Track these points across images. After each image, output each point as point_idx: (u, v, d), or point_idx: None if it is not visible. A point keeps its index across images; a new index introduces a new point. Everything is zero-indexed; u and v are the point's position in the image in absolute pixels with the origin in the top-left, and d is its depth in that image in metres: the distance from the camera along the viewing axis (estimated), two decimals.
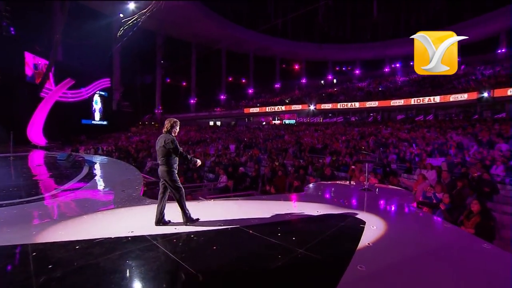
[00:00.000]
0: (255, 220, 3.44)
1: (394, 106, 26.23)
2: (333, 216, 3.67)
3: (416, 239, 2.91)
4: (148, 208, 3.91)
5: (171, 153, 3.11)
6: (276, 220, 3.50)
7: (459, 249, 2.78)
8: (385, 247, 2.70)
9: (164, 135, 3.16)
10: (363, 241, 2.80)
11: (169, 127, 3.19)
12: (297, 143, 17.84)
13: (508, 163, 7.94)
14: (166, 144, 3.07)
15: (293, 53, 41.77)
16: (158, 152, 3.16)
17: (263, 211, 3.89)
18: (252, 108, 35.47)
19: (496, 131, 13.49)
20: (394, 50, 35.53)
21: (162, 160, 3.12)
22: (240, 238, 2.92)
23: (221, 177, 7.97)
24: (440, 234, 3.11)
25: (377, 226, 3.21)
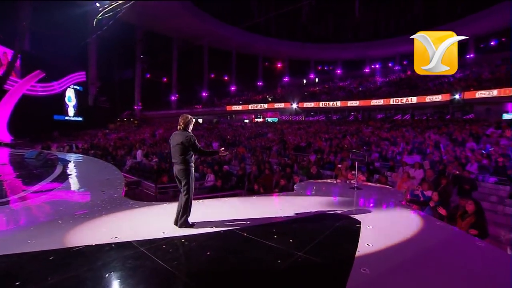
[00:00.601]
0: (248, 222, 3.29)
1: (375, 105, 27.03)
2: (327, 216, 3.59)
3: (414, 239, 2.88)
4: (132, 211, 3.63)
5: (189, 151, 3.02)
6: (269, 221, 3.36)
7: (457, 248, 2.78)
8: (385, 248, 2.64)
9: (180, 132, 3.07)
10: (362, 241, 2.73)
11: (185, 124, 3.12)
12: (281, 141, 17.86)
13: (481, 162, 8.36)
14: (186, 141, 2.97)
15: (276, 51, 41.78)
16: (175, 150, 3.03)
17: (255, 211, 3.75)
18: (235, 106, 35.16)
19: (467, 131, 14.23)
20: (374, 51, 36.59)
21: (180, 158, 3.00)
22: (235, 241, 2.75)
23: (208, 176, 7.72)
24: (435, 232, 3.11)
25: (373, 226, 3.16)
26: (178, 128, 3.13)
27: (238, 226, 3.14)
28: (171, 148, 3.11)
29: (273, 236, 2.86)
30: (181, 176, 3.03)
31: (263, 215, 3.60)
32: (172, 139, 3.09)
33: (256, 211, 3.72)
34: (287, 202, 4.40)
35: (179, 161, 3.01)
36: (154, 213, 3.59)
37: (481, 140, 11.76)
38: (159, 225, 3.07)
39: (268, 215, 3.61)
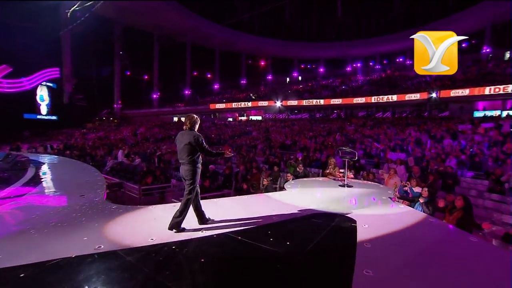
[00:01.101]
0: (241, 224, 3.14)
1: (357, 103, 27.62)
2: (321, 215, 3.51)
3: (411, 237, 2.87)
4: (116, 216, 3.36)
5: (196, 151, 2.97)
6: (263, 223, 3.22)
7: (456, 245, 2.78)
8: (384, 248, 2.59)
9: (188, 132, 3.00)
10: (360, 242, 2.66)
11: (191, 123, 3.04)
12: (266, 139, 17.81)
13: (460, 157, 8.70)
14: (193, 141, 2.92)
15: (259, 49, 41.65)
16: (182, 150, 2.96)
17: (246, 213, 3.60)
18: (218, 104, 34.75)
19: (444, 128, 14.84)
20: (356, 51, 37.41)
21: (188, 158, 2.94)
22: (229, 246, 2.59)
23: None
24: (431, 230, 3.12)
25: (369, 224, 3.11)
26: (184, 128, 3.05)
27: (231, 229, 2.99)
28: (177, 148, 3.04)
29: (269, 239, 2.73)
30: (187, 176, 2.95)
31: (256, 216, 3.46)
32: (179, 139, 3.02)
33: (248, 212, 3.57)
34: (278, 201, 4.28)
35: (187, 161, 2.95)
36: (140, 217, 3.35)
37: (457, 136, 12.29)
38: (147, 231, 2.85)
39: (261, 216, 3.47)
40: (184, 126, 3.06)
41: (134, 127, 26.92)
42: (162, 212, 3.56)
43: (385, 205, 3.93)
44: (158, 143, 17.22)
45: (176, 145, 3.06)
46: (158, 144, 16.12)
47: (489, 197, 5.91)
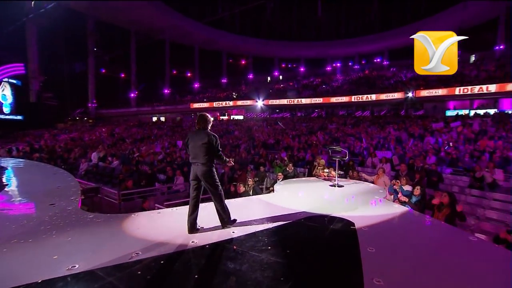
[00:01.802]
0: (234, 231, 2.91)
1: (337, 102, 28.14)
2: (317, 218, 3.36)
3: (413, 239, 2.78)
4: (93, 227, 3.00)
5: (213, 151, 2.90)
6: (258, 229, 3.01)
7: (462, 248, 2.72)
8: (388, 252, 2.47)
9: (202, 131, 2.93)
10: (363, 246, 2.52)
11: (204, 123, 2.97)
12: (249, 138, 17.59)
13: (439, 154, 9.00)
14: (211, 141, 2.87)
15: (240, 48, 41.25)
16: (198, 149, 2.87)
17: (238, 218, 3.36)
18: (199, 103, 34.03)
19: (421, 126, 15.43)
20: (335, 50, 38.09)
21: (205, 158, 2.86)
22: (225, 258, 2.35)
23: (177, 178, 7.09)
24: (431, 231, 3.07)
25: (368, 227, 3.00)
26: (196, 127, 2.98)
27: (224, 238, 2.75)
28: (190, 148, 2.94)
29: (267, 248, 2.53)
30: (206, 177, 2.88)
31: (249, 221, 3.25)
32: (192, 138, 2.93)
33: (241, 217, 3.34)
34: (270, 204, 4.09)
35: (204, 161, 2.86)
36: (122, 227, 3.01)
37: (434, 134, 12.78)
38: (130, 244, 2.54)
39: (254, 221, 3.27)
40: (197, 125, 2.97)
41: (111, 127, 25.64)
42: (147, 220, 3.25)
43: (380, 205, 3.86)
44: (138, 143, 16.44)
45: (188, 145, 2.96)
46: (138, 145, 15.38)
47: (470, 193, 6.10)
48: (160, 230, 2.92)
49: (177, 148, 15.21)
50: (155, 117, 35.56)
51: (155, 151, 11.81)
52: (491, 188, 5.92)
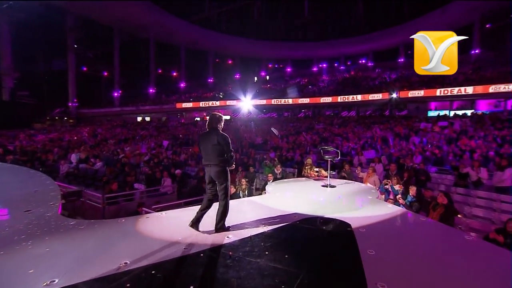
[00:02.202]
0: (229, 235, 2.77)
1: (324, 103, 28.47)
2: (312, 220, 3.27)
3: (411, 240, 2.75)
4: (76, 235, 2.77)
5: (225, 152, 2.84)
6: (253, 233, 2.88)
7: (456, 246, 2.71)
8: (388, 254, 2.42)
9: (214, 131, 2.87)
10: (362, 249, 2.46)
11: (216, 123, 2.91)
12: (237, 138, 17.43)
13: (424, 154, 9.21)
14: (223, 141, 2.82)
15: (227, 47, 40.92)
16: (211, 151, 2.83)
17: (232, 221, 3.23)
18: (185, 103, 33.48)
19: (405, 126, 15.83)
20: (322, 51, 38.58)
21: (219, 159, 2.82)
22: (221, 265, 2.20)
23: (164, 181, 6.84)
24: (427, 231, 3.05)
25: (365, 228, 2.95)
26: (207, 127, 2.93)
27: (218, 243, 2.61)
28: (202, 150, 2.91)
29: (264, 253, 2.41)
30: (219, 178, 2.84)
31: (243, 225, 3.13)
32: (204, 139, 2.89)
33: (234, 221, 3.21)
34: (263, 206, 3.97)
35: (217, 162, 2.82)
36: (107, 234, 2.79)
37: (418, 134, 13.12)
38: (117, 253, 2.35)
39: (248, 224, 3.14)
40: (208, 125, 2.92)
41: (93, 128, 24.69)
42: (134, 226, 3.04)
43: (374, 205, 3.84)
44: (122, 144, 15.88)
45: (200, 146, 2.94)
46: (122, 145, 14.85)
47: (456, 191, 6.24)
48: (149, 237, 2.74)
49: (163, 148, 14.84)
50: (140, 117, 34.63)
51: (141, 152, 11.42)
52: (476, 186, 6.08)
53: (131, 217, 3.47)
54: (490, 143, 9.66)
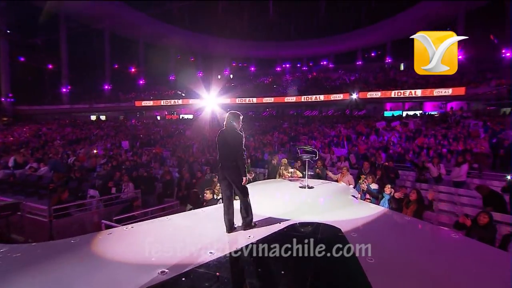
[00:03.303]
0: (211, 251, 2.40)
1: (288, 102, 28.99)
2: (300, 227, 3.06)
3: (405, 244, 2.67)
4: (4, 267, 2.14)
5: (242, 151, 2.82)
6: (238, 245, 2.56)
7: (447, 247, 2.68)
8: (388, 261, 2.28)
9: (233, 131, 2.82)
10: (360, 257, 2.29)
11: (234, 121, 2.86)
12: (203, 138, 16.81)
13: (388, 151, 9.72)
14: (240, 141, 2.80)
15: (189, 44, 39.52)
16: (226, 149, 2.81)
17: (211, 233, 2.87)
18: (145, 101, 31.54)
19: (365, 125, 16.73)
20: (285, 52, 39.27)
21: (233, 158, 2.79)
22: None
23: (126, 186, 6.11)
24: (417, 232, 3.02)
25: (357, 233, 2.81)
26: (225, 125, 2.87)
27: (200, 261, 2.23)
28: (219, 148, 2.88)
29: (256, 270, 2.11)
30: (238, 176, 2.81)
31: (222, 235, 2.79)
32: (222, 138, 2.84)
33: (214, 231, 2.85)
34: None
35: (232, 161, 2.79)
36: (55, 262, 2.22)
37: (379, 132, 13.92)
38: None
39: (232, 236, 2.81)
40: (226, 124, 2.86)
41: (36, 127, 21.81)
42: (94, 247, 2.49)
43: (357, 206, 3.77)
44: (73, 145, 14.18)
45: (219, 145, 2.87)
46: (74, 147, 13.26)
47: (420, 187, 6.59)
48: (116, 263, 2.24)
49: (122, 150, 13.63)
50: (94, 115, 31.71)
51: (97, 154, 10.27)
52: (436, 181, 6.49)
53: (88, 235, 2.87)
54: (441, 140, 10.56)
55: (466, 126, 12.39)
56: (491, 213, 3.67)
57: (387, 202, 4.17)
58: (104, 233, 2.84)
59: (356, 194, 4.34)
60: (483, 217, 3.67)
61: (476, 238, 3.56)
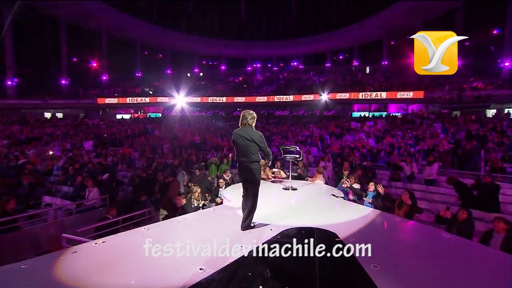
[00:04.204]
0: (198, 266, 2.10)
1: (259, 102, 29.01)
2: (293, 233, 2.85)
3: (407, 246, 2.58)
4: None
5: (259, 149, 2.89)
6: (231, 258, 2.28)
7: (447, 248, 2.64)
8: (395, 268, 2.16)
9: (250, 128, 2.91)
10: (365, 264, 2.15)
11: (250, 120, 2.93)
12: (174, 138, 16.06)
13: (362, 151, 10.01)
14: (258, 139, 2.86)
15: (157, 39, 37.66)
16: (248, 148, 2.84)
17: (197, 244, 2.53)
18: (109, 99, 29.50)
19: (336, 125, 17.24)
20: (256, 51, 39.25)
21: (255, 157, 2.86)
22: None
23: (89, 191, 5.43)
24: (414, 233, 2.97)
25: (354, 237, 2.68)
26: (241, 124, 2.94)
27: (190, 276, 1.92)
28: (237, 147, 2.91)
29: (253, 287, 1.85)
30: (252, 175, 2.86)
31: (210, 247, 2.47)
32: (239, 136, 2.88)
33: (200, 242, 2.52)
34: (228, 218, 3.36)
35: (253, 159, 2.85)
36: None
37: (350, 132, 14.39)
38: None
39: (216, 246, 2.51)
40: (242, 122, 2.93)
41: None
42: (51, 271, 2.03)
43: (346, 208, 3.68)
44: (23, 146, 12.56)
45: (236, 143, 2.90)
46: (23, 147, 11.74)
47: (395, 185, 6.82)
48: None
49: (83, 150, 12.43)
50: (49, 113, 28.81)
51: (53, 155, 9.16)
52: (409, 180, 6.75)
53: (44, 256, 2.37)
54: (407, 140, 11.17)
55: (428, 127, 13.29)
56: (470, 210, 3.83)
57: (371, 199, 4.15)
58: (66, 252, 2.36)
59: (340, 194, 4.27)
60: (462, 213, 3.84)
61: (455, 232, 3.69)
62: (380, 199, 4.10)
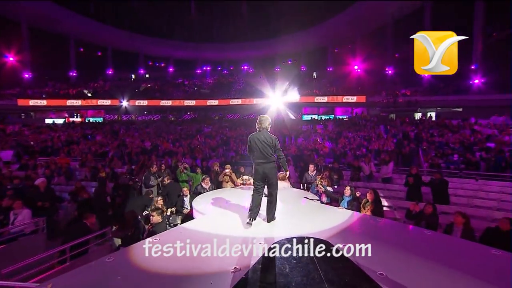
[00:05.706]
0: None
1: (210, 105, 28.42)
2: (285, 246, 2.60)
3: (406, 250, 2.54)
4: None
5: (275, 151, 3.16)
6: (222, 282, 1.93)
7: (446, 249, 2.69)
8: (401, 274, 2.07)
9: (265, 132, 3.14)
10: (369, 272, 2.04)
11: (266, 124, 3.15)
12: (121, 144, 14.52)
13: (320, 152, 10.37)
14: (274, 142, 3.12)
15: (95, 36, 33.90)
16: (267, 149, 3.08)
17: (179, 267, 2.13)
18: (34, 100, 25.50)
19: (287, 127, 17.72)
20: (206, 53, 38.45)
21: (272, 157, 3.11)
22: None
23: (18, 214, 4.33)
24: (408, 235, 2.98)
25: (351, 244, 2.54)
26: (258, 127, 3.17)
27: None
28: (257, 149, 3.09)
29: None
30: (273, 174, 3.12)
31: (203, 271, 2.09)
32: (258, 139, 3.09)
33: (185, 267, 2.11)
34: (209, 235, 2.95)
35: (272, 160, 3.10)
36: None
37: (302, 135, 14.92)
38: None
39: (209, 271, 2.13)
40: (258, 126, 3.16)
41: None
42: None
43: (327, 212, 3.59)
44: None
45: (256, 144, 3.08)
46: None
47: (356, 185, 7.12)
48: None
49: (0, 162, 10.27)
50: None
51: None
52: (369, 179, 7.15)
53: None
54: (362, 141, 12.00)
55: (373, 129, 14.56)
56: (434, 204, 4.15)
57: (347, 204, 4.18)
58: None
59: (315, 197, 4.22)
60: (428, 207, 4.13)
61: (424, 225, 3.93)
62: (356, 203, 4.15)
